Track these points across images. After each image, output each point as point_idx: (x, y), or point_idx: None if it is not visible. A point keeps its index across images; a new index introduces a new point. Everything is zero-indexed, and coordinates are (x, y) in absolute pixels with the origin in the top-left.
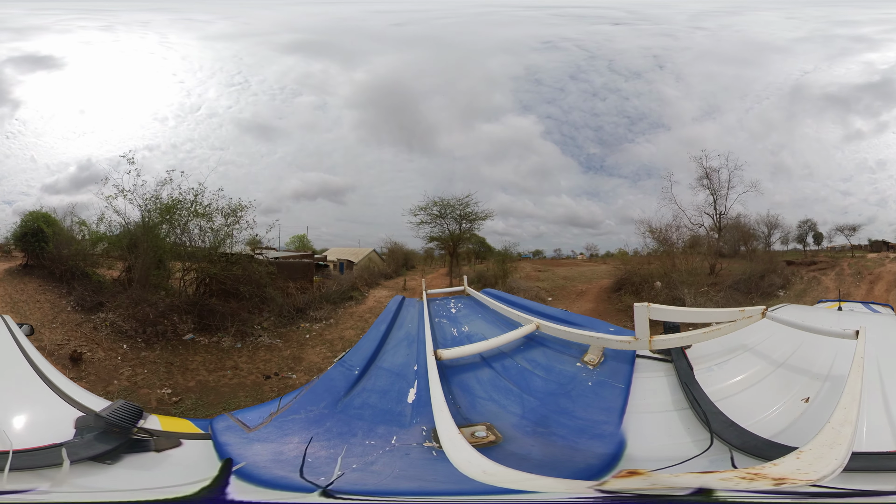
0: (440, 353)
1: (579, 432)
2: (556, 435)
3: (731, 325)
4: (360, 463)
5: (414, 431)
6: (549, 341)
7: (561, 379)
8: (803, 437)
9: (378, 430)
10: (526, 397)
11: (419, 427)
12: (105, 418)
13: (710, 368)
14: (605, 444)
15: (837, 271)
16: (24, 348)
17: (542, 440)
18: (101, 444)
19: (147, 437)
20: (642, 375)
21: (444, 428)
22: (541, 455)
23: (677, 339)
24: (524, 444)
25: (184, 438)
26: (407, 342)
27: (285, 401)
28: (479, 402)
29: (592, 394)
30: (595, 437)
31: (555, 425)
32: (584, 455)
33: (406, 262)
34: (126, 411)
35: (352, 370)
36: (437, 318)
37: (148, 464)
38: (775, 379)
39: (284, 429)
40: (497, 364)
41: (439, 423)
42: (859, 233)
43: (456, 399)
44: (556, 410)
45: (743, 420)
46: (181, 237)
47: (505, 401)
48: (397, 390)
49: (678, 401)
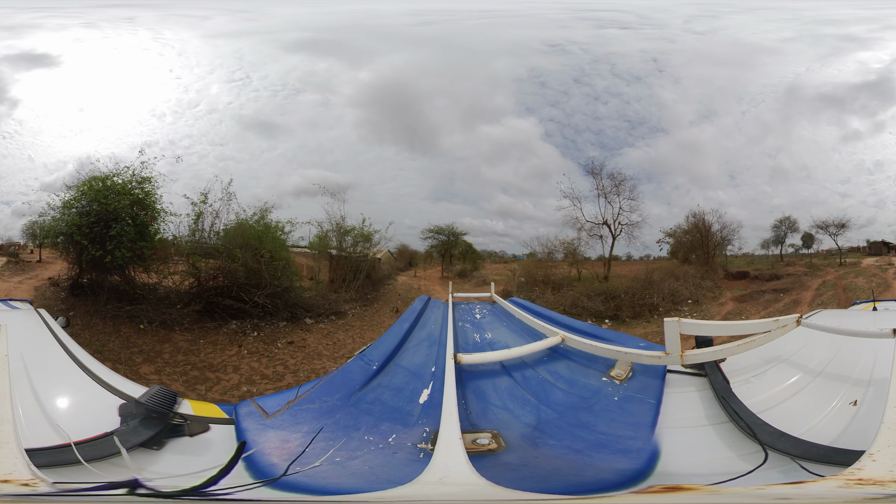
0: (460, 358)
1: (599, 447)
2: (568, 448)
3: (766, 335)
4: (344, 457)
5: (416, 432)
6: (574, 354)
7: (584, 393)
8: (863, 441)
9: (382, 426)
10: (543, 409)
11: (422, 428)
12: (145, 405)
13: (748, 381)
14: (630, 460)
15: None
16: (61, 341)
17: (548, 452)
18: (145, 431)
19: (182, 422)
20: (674, 391)
21: (446, 431)
22: (543, 467)
23: (711, 352)
24: (527, 455)
25: (212, 423)
26: (428, 343)
27: (303, 390)
28: (492, 410)
29: (618, 408)
30: (618, 452)
31: (570, 438)
32: (597, 470)
33: (411, 260)
34: (163, 396)
35: (370, 365)
36: (461, 322)
37: (187, 448)
38: (817, 386)
39: (298, 417)
40: (517, 374)
41: (444, 426)
42: (850, 231)
43: (468, 404)
44: (574, 424)
45: (793, 429)
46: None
47: (520, 411)
48: (411, 389)
49: (714, 415)
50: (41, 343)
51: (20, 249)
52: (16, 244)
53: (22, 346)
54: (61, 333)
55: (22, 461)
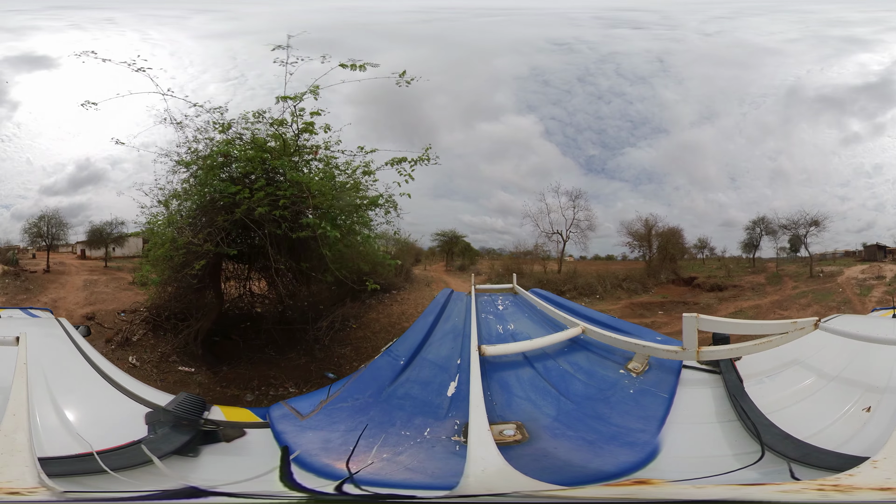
0: (484, 349)
1: (610, 438)
2: (583, 440)
3: (783, 336)
4: (391, 453)
5: (447, 425)
6: (594, 346)
7: (602, 384)
8: (871, 447)
9: (415, 421)
10: (563, 400)
11: (453, 421)
12: (173, 412)
13: (761, 380)
14: (633, 453)
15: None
16: (83, 350)
17: (566, 443)
18: (176, 438)
19: (215, 428)
20: (688, 386)
21: (475, 424)
22: (561, 457)
23: (727, 350)
24: (548, 446)
25: (246, 427)
26: (453, 335)
27: (334, 389)
28: (516, 401)
29: (633, 401)
30: (626, 444)
31: (585, 430)
32: (602, 462)
33: (418, 256)
34: (191, 403)
35: (397, 360)
36: (484, 313)
37: (226, 454)
38: (831, 390)
39: (333, 417)
40: (539, 364)
41: (472, 419)
42: (838, 233)
43: (493, 396)
44: (591, 415)
45: (799, 432)
46: None
47: (541, 401)
48: (439, 383)
49: (723, 412)
50: (62, 352)
51: (20, 254)
52: (15, 248)
53: (42, 355)
54: (83, 342)
55: (31, 469)
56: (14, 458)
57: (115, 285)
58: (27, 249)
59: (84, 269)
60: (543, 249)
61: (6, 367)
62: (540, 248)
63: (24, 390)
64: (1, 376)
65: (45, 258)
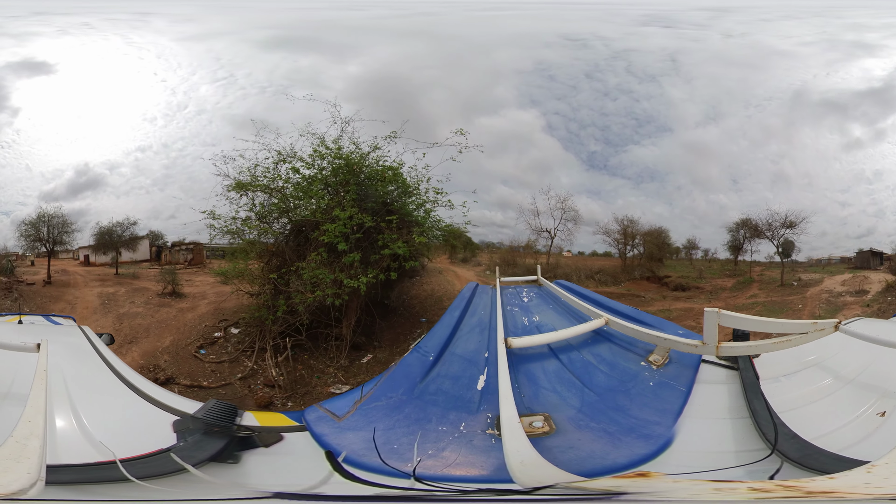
0: (510, 342)
1: (628, 430)
2: (604, 431)
3: (803, 336)
4: (434, 449)
5: (480, 418)
6: (616, 338)
7: (623, 376)
8: (878, 452)
9: (450, 416)
10: (586, 391)
11: (485, 414)
12: (202, 419)
13: (778, 379)
14: (647, 446)
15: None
16: (106, 358)
17: (589, 434)
18: (209, 445)
19: (250, 434)
20: (705, 381)
21: (506, 417)
22: (583, 449)
23: (746, 347)
24: (573, 437)
25: (283, 432)
26: (479, 329)
27: (367, 388)
28: (542, 393)
29: (652, 394)
30: (641, 437)
31: (606, 421)
32: (617, 454)
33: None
34: (222, 410)
35: (427, 356)
36: (510, 306)
37: (268, 459)
38: (846, 393)
39: (369, 416)
40: (564, 356)
41: (503, 412)
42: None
43: (521, 388)
44: (612, 407)
45: (808, 433)
46: None
47: (567, 393)
48: (468, 377)
49: (737, 409)
50: (85, 359)
51: (18, 260)
52: (13, 255)
53: (64, 363)
54: (105, 350)
55: (31, 476)
56: (19, 464)
57: (143, 300)
58: (25, 256)
59: (93, 279)
60: (535, 245)
61: (26, 373)
62: (533, 244)
63: (42, 397)
64: (21, 383)
65: (46, 266)
